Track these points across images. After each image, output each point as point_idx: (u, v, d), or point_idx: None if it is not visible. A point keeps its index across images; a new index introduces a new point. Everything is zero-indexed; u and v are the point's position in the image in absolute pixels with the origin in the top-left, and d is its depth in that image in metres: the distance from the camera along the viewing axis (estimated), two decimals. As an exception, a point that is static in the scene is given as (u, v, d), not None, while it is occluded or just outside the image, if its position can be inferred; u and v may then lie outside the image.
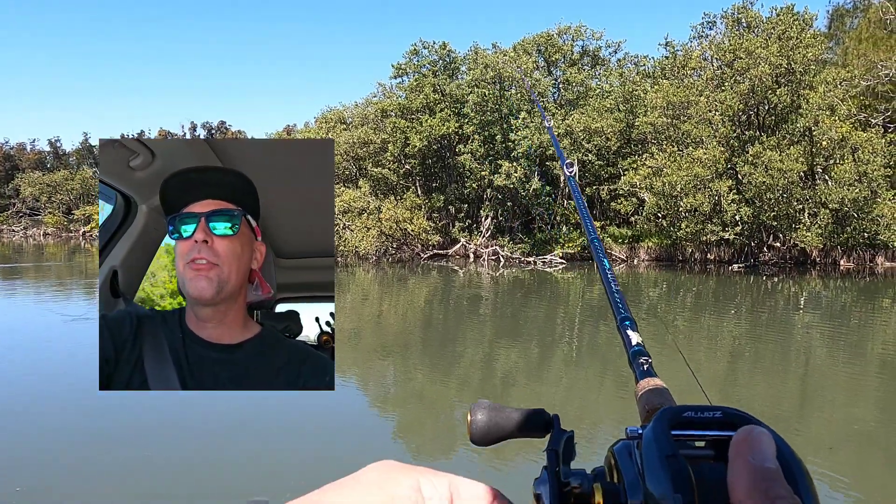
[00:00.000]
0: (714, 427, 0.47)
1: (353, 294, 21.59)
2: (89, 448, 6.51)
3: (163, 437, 6.75)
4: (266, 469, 5.95)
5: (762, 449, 0.41)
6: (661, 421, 0.47)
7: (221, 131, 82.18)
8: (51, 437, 6.82)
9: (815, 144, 25.44)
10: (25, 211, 66.01)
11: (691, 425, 0.47)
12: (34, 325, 14.38)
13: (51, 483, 5.76)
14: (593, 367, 11.32)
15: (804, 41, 26.02)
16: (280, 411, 7.43)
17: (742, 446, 0.41)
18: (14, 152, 77.12)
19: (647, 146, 29.68)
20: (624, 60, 37.21)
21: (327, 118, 42.08)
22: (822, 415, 8.44)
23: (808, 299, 19.67)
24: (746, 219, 26.20)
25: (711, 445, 0.47)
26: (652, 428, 0.47)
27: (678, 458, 0.44)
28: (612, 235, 31.31)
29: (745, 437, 0.41)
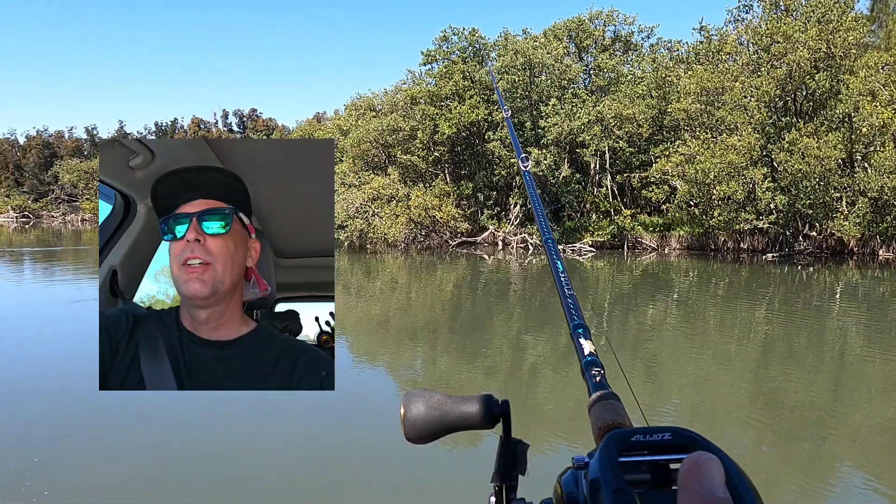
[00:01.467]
0: (664, 450, 0.45)
1: (382, 281, 21.71)
2: (90, 444, 6.52)
3: (163, 436, 6.65)
4: (267, 468, 5.98)
5: (711, 477, 0.39)
6: (607, 449, 0.45)
7: (252, 118, 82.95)
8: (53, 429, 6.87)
9: (854, 131, 24.73)
10: (64, 197, 67.65)
11: (641, 449, 0.45)
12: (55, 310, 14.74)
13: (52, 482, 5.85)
14: (622, 356, 11.22)
15: (845, 24, 25.23)
16: (281, 410, 7.34)
17: (690, 475, 0.39)
18: (53, 140, 78.91)
19: (679, 133, 29.17)
20: (657, 45, 36.57)
21: (357, 105, 42.21)
22: (857, 408, 8.26)
23: (845, 290, 19.21)
24: (781, 207, 25.64)
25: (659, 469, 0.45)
26: (598, 458, 0.45)
27: (625, 492, 0.42)
28: (643, 224, 30.92)
29: (692, 466, 0.39)
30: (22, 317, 13.92)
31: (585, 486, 0.45)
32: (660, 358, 11.02)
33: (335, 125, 43.31)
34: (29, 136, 79.29)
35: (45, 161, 74.77)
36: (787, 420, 7.78)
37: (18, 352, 10.51)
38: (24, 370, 9.39)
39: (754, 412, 8.15)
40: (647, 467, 0.45)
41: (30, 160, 75.10)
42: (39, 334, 11.92)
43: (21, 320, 13.48)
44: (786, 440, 7.15)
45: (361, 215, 30.74)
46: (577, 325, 0.81)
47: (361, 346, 11.99)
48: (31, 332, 12.21)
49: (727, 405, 8.48)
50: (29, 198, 70.65)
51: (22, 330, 12.35)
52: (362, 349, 11.69)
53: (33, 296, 17.30)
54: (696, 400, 8.76)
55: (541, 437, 6.73)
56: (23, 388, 8.51)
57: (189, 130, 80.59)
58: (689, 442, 0.44)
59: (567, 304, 0.85)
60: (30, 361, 9.86)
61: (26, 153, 76.69)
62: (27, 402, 7.95)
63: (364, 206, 30.81)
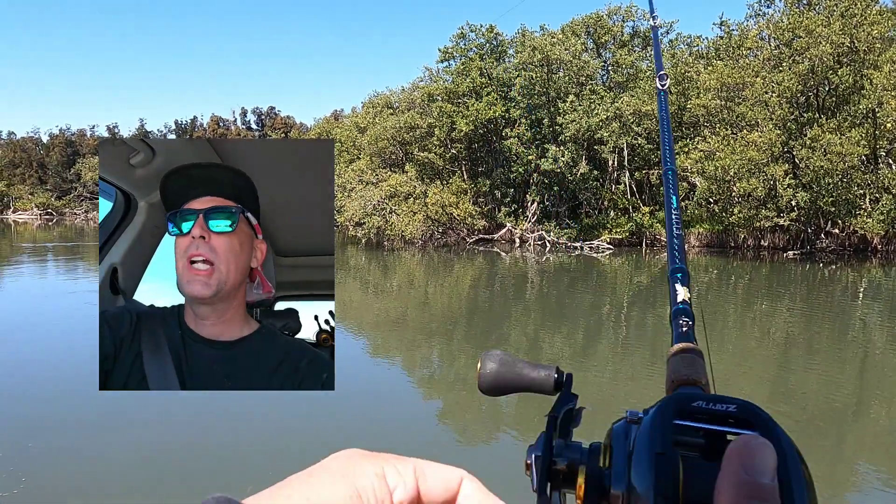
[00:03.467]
0: (724, 422, 0.42)
1: (399, 278, 21.75)
2: (90, 444, 6.53)
3: (163, 436, 6.64)
4: (267, 468, 5.99)
5: (757, 462, 0.36)
6: (663, 409, 0.43)
7: (271, 116, 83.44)
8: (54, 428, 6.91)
9: (878, 127, 24.33)
10: (86, 195, 68.60)
11: (700, 417, 0.42)
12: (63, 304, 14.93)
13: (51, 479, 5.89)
14: (640, 355, 11.15)
15: (869, 18, 24.81)
16: (283, 408, 7.33)
17: (735, 457, 0.37)
18: (75, 138, 79.97)
19: (699, 129, 28.90)
20: (676, 41, 36.22)
21: (374, 103, 42.31)
22: (879, 407, 8.13)
23: (868, 288, 18.92)
24: (803, 204, 25.31)
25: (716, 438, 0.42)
26: (652, 416, 0.43)
27: (669, 458, 0.40)
28: (662, 221, 30.68)
29: (739, 448, 0.37)
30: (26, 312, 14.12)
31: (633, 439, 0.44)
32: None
33: (353, 123, 43.44)
34: (52, 135, 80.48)
35: (68, 159, 75.82)
36: (808, 419, 7.68)
37: (18, 351, 10.53)
38: (24, 370, 9.40)
39: (774, 410, 8.03)
40: (703, 434, 0.42)
41: (53, 158, 76.21)
42: (49, 330, 12.08)
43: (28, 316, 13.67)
44: (806, 439, 7.06)
45: (379, 212, 30.83)
46: (677, 269, 0.78)
47: (377, 343, 12.02)
48: (41, 328, 12.38)
49: (746, 404, 8.38)
50: (52, 195, 71.80)
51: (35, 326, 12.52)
52: (377, 346, 11.72)
53: (42, 291, 17.55)
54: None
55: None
56: (22, 387, 8.56)
57: (208, 128, 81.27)
58: (753, 418, 0.41)
59: (672, 243, 0.81)
60: (29, 361, 9.88)
61: (49, 151, 77.83)
62: (27, 402, 7.98)
63: (381, 204, 30.89)
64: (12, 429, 6.91)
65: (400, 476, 0.46)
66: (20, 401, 7.93)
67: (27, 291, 17.75)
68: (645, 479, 0.40)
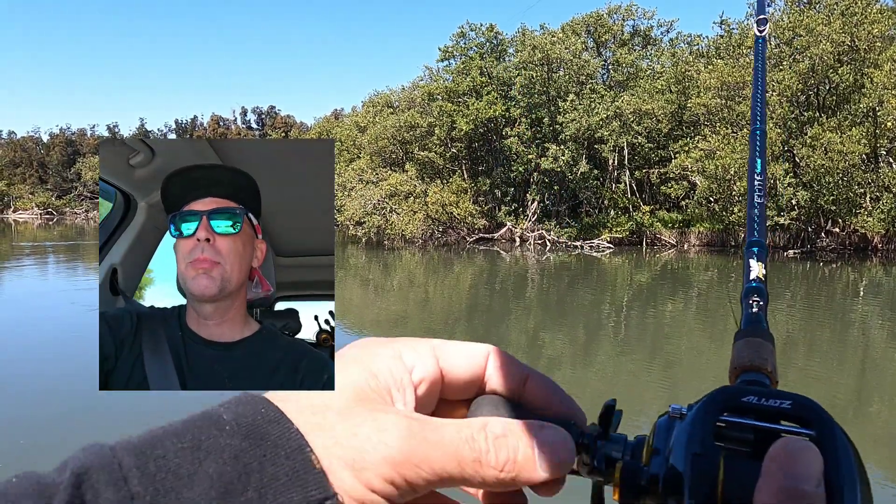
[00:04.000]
0: (778, 418, 0.39)
1: (400, 277, 21.76)
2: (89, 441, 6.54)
3: None
4: None
5: (800, 467, 0.34)
6: (708, 405, 0.40)
7: (271, 116, 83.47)
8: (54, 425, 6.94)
9: (878, 126, 24.32)
10: (87, 194, 68.67)
11: (750, 412, 0.39)
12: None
13: None
14: (640, 354, 11.15)
15: (870, 16, 24.80)
16: None
17: (777, 461, 0.34)
18: (75, 138, 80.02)
19: (699, 128, 28.89)
20: (676, 40, 36.24)
21: (374, 102, 42.32)
22: (880, 407, 8.14)
23: (868, 287, 18.92)
24: (803, 203, 25.31)
25: (768, 436, 0.39)
26: (696, 412, 0.40)
27: (707, 459, 0.37)
28: (662, 220, 30.70)
29: (781, 451, 0.35)
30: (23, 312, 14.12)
31: (673, 435, 0.41)
32: (678, 354, 10.93)
33: (353, 122, 43.45)
34: (52, 134, 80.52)
35: (68, 158, 75.89)
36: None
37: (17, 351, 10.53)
38: (22, 370, 9.40)
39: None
40: (752, 430, 0.39)
41: (53, 158, 76.25)
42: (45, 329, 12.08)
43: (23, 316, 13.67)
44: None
45: (379, 212, 30.83)
46: (754, 242, 0.70)
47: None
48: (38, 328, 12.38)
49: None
50: (52, 195, 71.85)
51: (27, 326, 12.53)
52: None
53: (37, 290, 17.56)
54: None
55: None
56: (22, 388, 8.55)
57: (208, 128, 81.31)
58: (810, 415, 0.38)
59: (752, 214, 0.71)
60: (28, 360, 9.88)
61: (50, 151, 77.88)
62: (27, 402, 7.99)
63: (382, 203, 30.90)
64: (12, 429, 6.92)
65: (417, 354, 0.44)
66: (20, 401, 7.94)
67: (27, 290, 17.76)
68: (680, 481, 0.38)
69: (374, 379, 0.41)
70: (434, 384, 0.44)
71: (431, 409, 0.45)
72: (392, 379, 0.42)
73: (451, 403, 0.47)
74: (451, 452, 0.39)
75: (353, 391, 0.40)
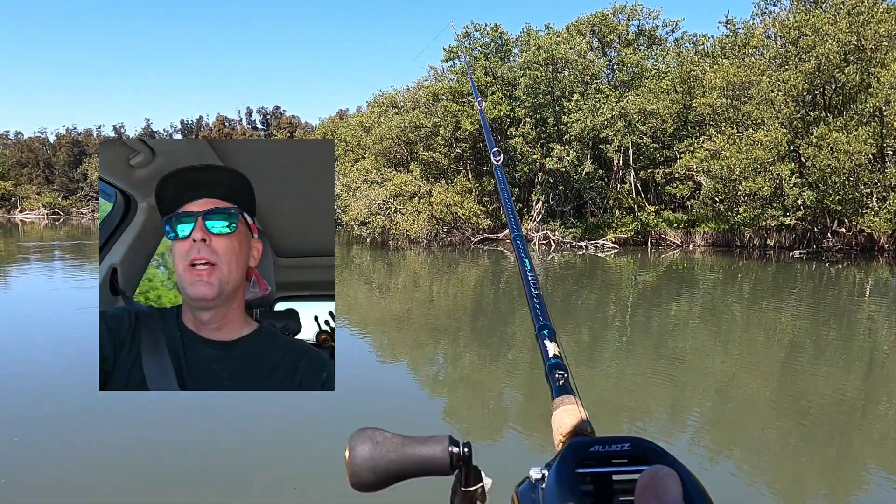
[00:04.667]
0: (623, 460, 0.44)
1: (404, 277, 21.76)
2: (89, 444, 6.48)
3: (162, 435, 6.60)
4: (266, 468, 5.99)
5: (667, 491, 0.39)
6: (564, 460, 0.44)
7: (276, 116, 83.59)
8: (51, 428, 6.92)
9: (885, 125, 24.20)
10: (93, 194, 68.87)
11: (600, 461, 0.44)
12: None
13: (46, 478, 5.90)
14: (645, 353, 11.12)
15: (876, 16, 24.68)
16: (282, 408, 7.28)
17: (647, 489, 0.39)
18: (81, 138, 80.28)
19: (704, 128, 28.81)
20: (682, 40, 36.13)
21: (379, 102, 42.33)
22: (887, 408, 8.09)
23: (874, 288, 18.83)
24: (809, 203, 25.21)
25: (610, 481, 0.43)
26: (555, 470, 0.44)
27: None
28: (667, 220, 30.62)
29: (650, 480, 0.40)
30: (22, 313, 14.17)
31: (541, 498, 0.43)
32: (683, 355, 10.90)
33: (357, 122, 43.48)
34: (59, 135, 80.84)
35: (75, 159, 76.15)
36: (815, 419, 7.64)
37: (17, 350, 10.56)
38: (21, 370, 9.41)
39: (780, 411, 8.02)
40: (599, 479, 0.44)
41: (60, 158, 76.54)
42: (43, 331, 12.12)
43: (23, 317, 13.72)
44: (813, 440, 7.03)
45: (384, 212, 30.85)
46: (543, 326, 0.78)
47: (380, 342, 12.02)
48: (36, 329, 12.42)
49: (753, 404, 8.36)
50: (59, 195, 72.11)
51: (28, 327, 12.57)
52: (381, 346, 11.72)
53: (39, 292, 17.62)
54: (720, 399, 8.66)
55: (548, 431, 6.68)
56: (22, 388, 8.56)
57: (214, 128, 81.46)
58: (648, 453, 0.43)
59: (533, 304, 0.83)
60: (28, 360, 9.89)
61: (56, 151, 78.18)
62: (26, 402, 7.99)
63: (386, 203, 30.91)
64: (11, 428, 6.93)
65: None
66: (19, 400, 7.96)
67: (31, 290, 17.83)
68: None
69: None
70: None
71: None
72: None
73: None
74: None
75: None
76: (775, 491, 5.82)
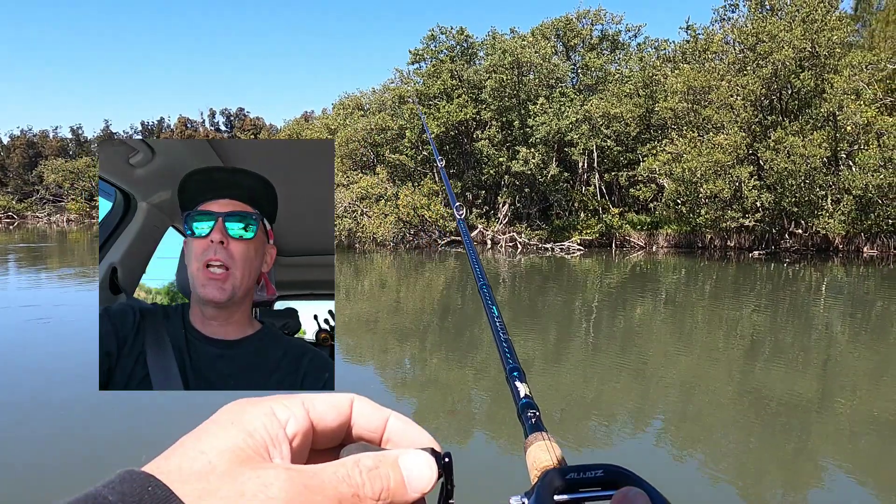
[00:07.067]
0: (597, 486, 0.48)
1: (371, 280, 21.68)
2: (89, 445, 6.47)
3: (161, 436, 6.61)
4: None
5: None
6: (543, 489, 0.48)
7: (240, 118, 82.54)
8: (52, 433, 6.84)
9: (839, 129, 25.00)
10: (49, 197, 67.00)
11: (575, 487, 0.48)
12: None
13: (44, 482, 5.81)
14: (610, 355, 11.29)
15: (829, 24, 25.49)
16: None
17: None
18: (37, 139, 78.11)
19: (667, 132, 29.38)
20: (644, 45, 36.78)
21: (345, 104, 42.14)
22: (842, 403, 8.36)
23: (830, 287, 19.42)
24: (767, 205, 25.88)
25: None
26: (535, 500, 0.47)
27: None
28: (631, 222, 31.09)
29: (621, 500, 0.43)
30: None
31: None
32: (647, 355, 11.09)
33: (323, 124, 43.17)
34: (13, 136, 78.42)
35: (30, 161, 74.00)
36: (774, 415, 7.86)
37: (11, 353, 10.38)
38: (20, 370, 9.26)
39: (741, 408, 8.23)
40: (585, 500, 0.48)
41: (14, 160, 74.30)
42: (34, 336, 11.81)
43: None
44: (772, 435, 7.23)
45: (350, 214, 30.69)
46: (513, 369, 0.82)
47: (351, 346, 11.98)
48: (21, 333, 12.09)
49: (715, 401, 8.56)
50: (13, 198, 69.91)
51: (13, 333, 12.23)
52: (353, 349, 11.68)
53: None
54: (684, 398, 8.84)
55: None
56: (21, 388, 8.41)
57: (176, 130, 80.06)
58: (619, 477, 0.47)
59: (503, 348, 0.87)
60: (24, 363, 9.73)
61: (10, 153, 75.87)
62: (26, 401, 7.86)
63: (353, 206, 30.76)
64: (12, 428, 6.81)
65: (289, 410, 0.47)
66: (20, 400, 7.80)
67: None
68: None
69: (251, 438, 0.44)
70: (306, 436, 0.48)
71: (304, 459, 0.48)
72: (268, 436, 0.45)
73: (321, 453, 0.50)
74: (331, 493, 0.43)
75: (232, 452, 0.42)
76: (738, 487, 5.97)
